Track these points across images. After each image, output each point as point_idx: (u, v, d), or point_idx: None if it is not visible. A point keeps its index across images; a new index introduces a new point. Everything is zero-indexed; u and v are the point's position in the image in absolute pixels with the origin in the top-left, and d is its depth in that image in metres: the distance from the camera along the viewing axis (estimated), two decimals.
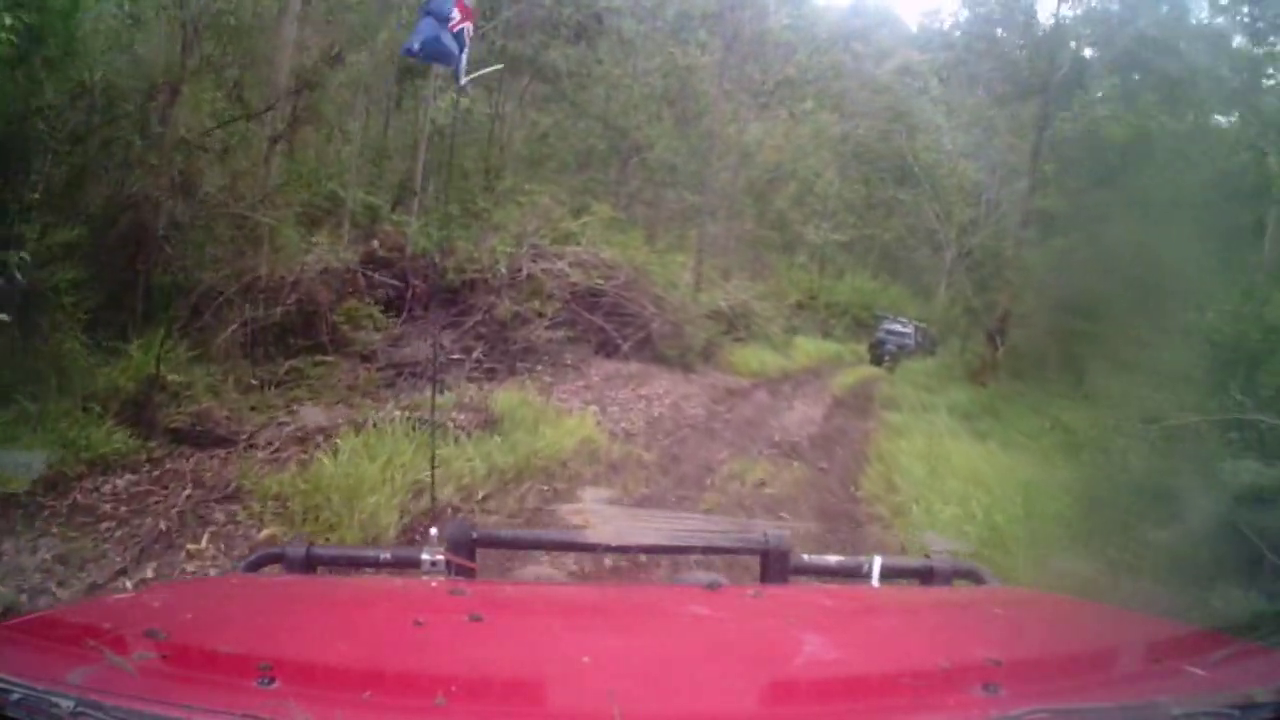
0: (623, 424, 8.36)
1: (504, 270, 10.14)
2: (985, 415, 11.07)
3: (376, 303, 9.15)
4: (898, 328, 22.74)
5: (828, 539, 5.61)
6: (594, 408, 8.51)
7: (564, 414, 7.72)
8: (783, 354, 16.59)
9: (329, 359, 7.92)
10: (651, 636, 1.22)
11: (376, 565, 1.51)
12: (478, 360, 8.98)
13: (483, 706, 0.90)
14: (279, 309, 7.85)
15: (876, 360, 21.35)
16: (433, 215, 11.49)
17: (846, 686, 1.01)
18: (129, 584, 3.85)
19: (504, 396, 7.45)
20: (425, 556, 1.41)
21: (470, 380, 8.29)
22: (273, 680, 0.84)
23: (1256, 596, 3.63)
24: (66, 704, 0.75)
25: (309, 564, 1.40)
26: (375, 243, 10.02)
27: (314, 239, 9.25)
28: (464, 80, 3.51)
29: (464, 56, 3.53)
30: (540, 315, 9.98)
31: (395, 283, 9.49)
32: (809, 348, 19.29)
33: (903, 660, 1.08)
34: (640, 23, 18.74)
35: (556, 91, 17.95)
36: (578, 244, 11.45)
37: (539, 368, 9.58)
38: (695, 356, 12.56)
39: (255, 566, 1.46)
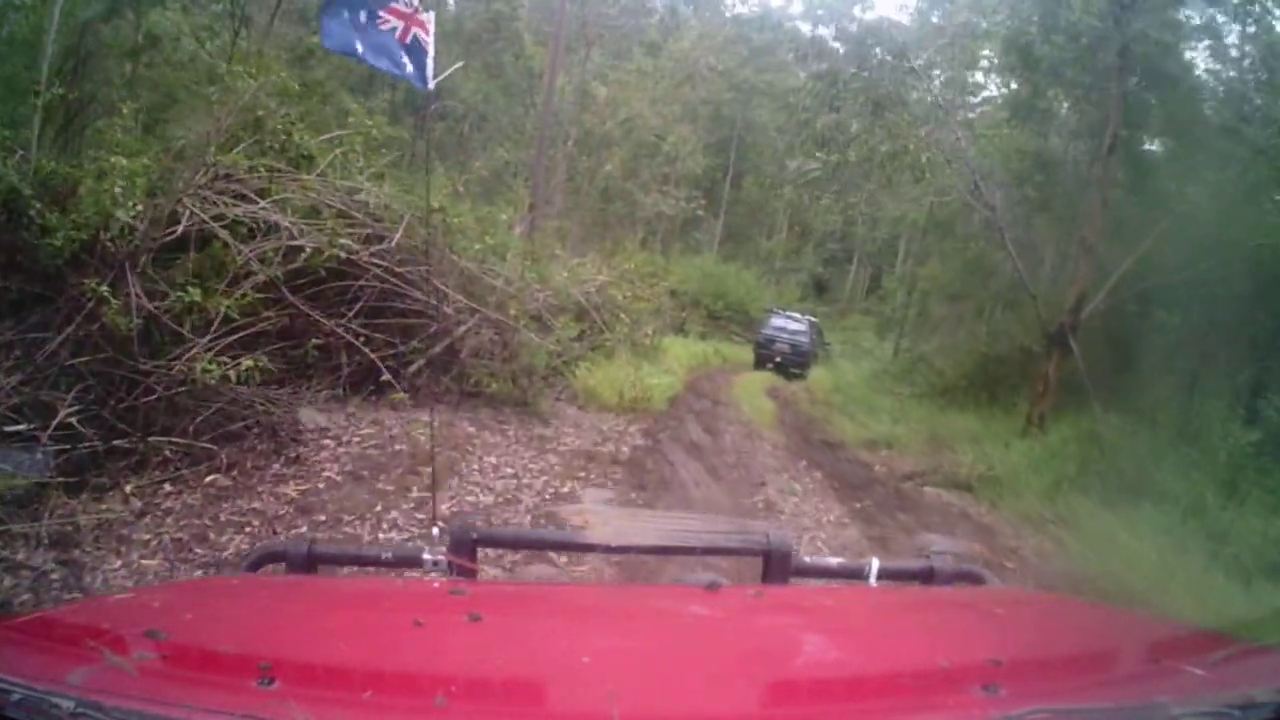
0: None
1: (130, 222, 5.04)
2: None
3: None
4: (789, 324, 19.04)
5: None
6: None
7: None
8: (656, 363, 11.99)
9: None
10: (651, 636, 1.22)
11: (378, 564, 1.51)
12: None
13: (483, 706, 0.90)
14: None
15: (761, 363, 18.16)
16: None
17: (847, 686, 1.01)
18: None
19: None
20: (426, 556, 1.42)
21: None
22: (273, 680, 0.84)
23: None
24: (66, 704, 0.75)
25: (310, 563, 1.40)
26: None
27: None
28: (431, 84, 3.28)
29: (429, 60, 3.14)
30: (205, 324, 5.13)
31: None
32: (678, 351, 15.07)
33: (903, 660, 1.08)
34: None
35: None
36: (308, 176, 6.46)
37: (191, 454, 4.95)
38: (537, 389, 8.01)
39: (256, 565, 1.45)
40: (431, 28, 3.15)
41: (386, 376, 6.44)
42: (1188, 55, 11.46)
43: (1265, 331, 8.19)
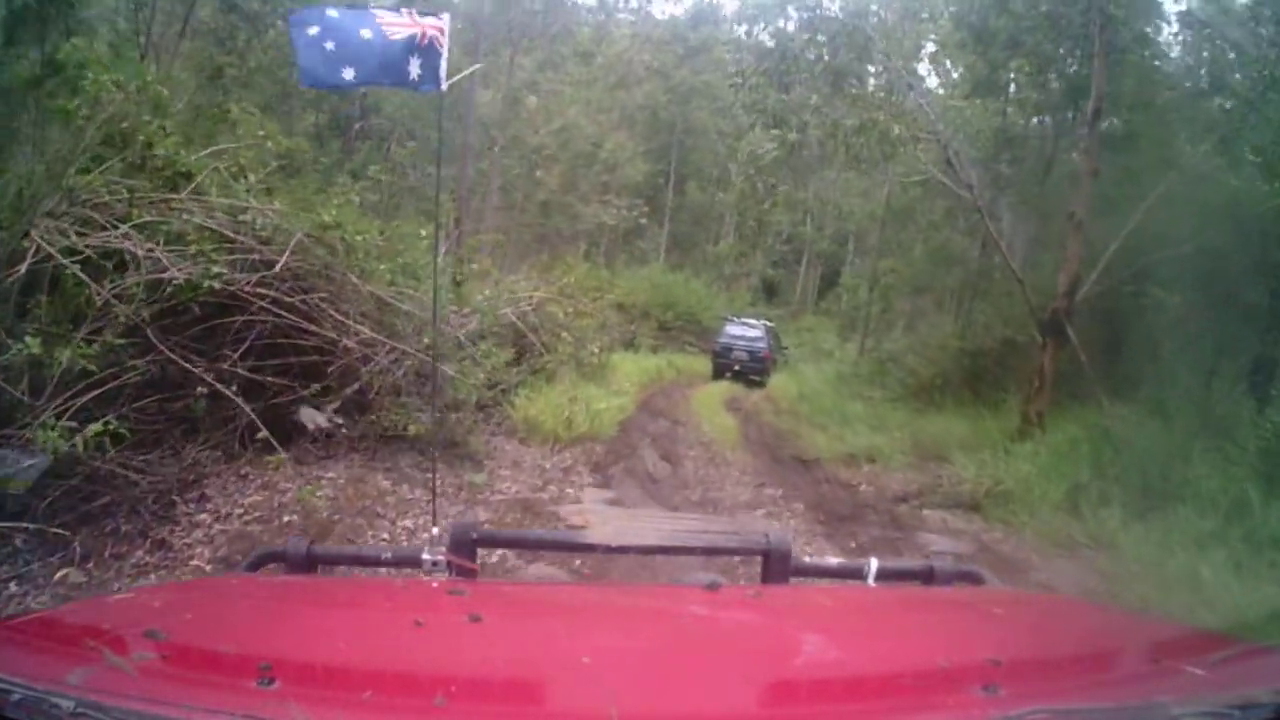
0: None
1: None
2: None
3: None
4: (745, 331, 18.48)
5: None
6: None
7: None
8: (605, 383, 10.68)
9: None
10: (651, 636, 1.22)
11: (377, 564, 1.51)
12: None
13: (483, 706, 0.90)
14: None
15: (720, 373, 17.58)
16: None
17: (846, 686, 1.01)
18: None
19: None
20: (426, 556, 1.42)
21: None
22: (273, 680, 0.84)
23: None
24: (66, 704, 0.75)
25: (309, 563, 1.40)
26: None
27: None
28: (444, 84, 3.23)
29: (442, 62, 3.02)
30: (60, 380, 4.29)
31: None
32: (629, 367, 13.79)
33: (903, 660, 1.08)
34: None
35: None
36: (178, 196, 5.54)
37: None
38: (469, 425, 6.99)
39: (255, 566, 1.46)
40: (447, 28, 3.06)
41: (306, 419, 5.74)
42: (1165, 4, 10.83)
43: None
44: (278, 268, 5.57)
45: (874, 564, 1.48)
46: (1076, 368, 8.85)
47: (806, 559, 1.56)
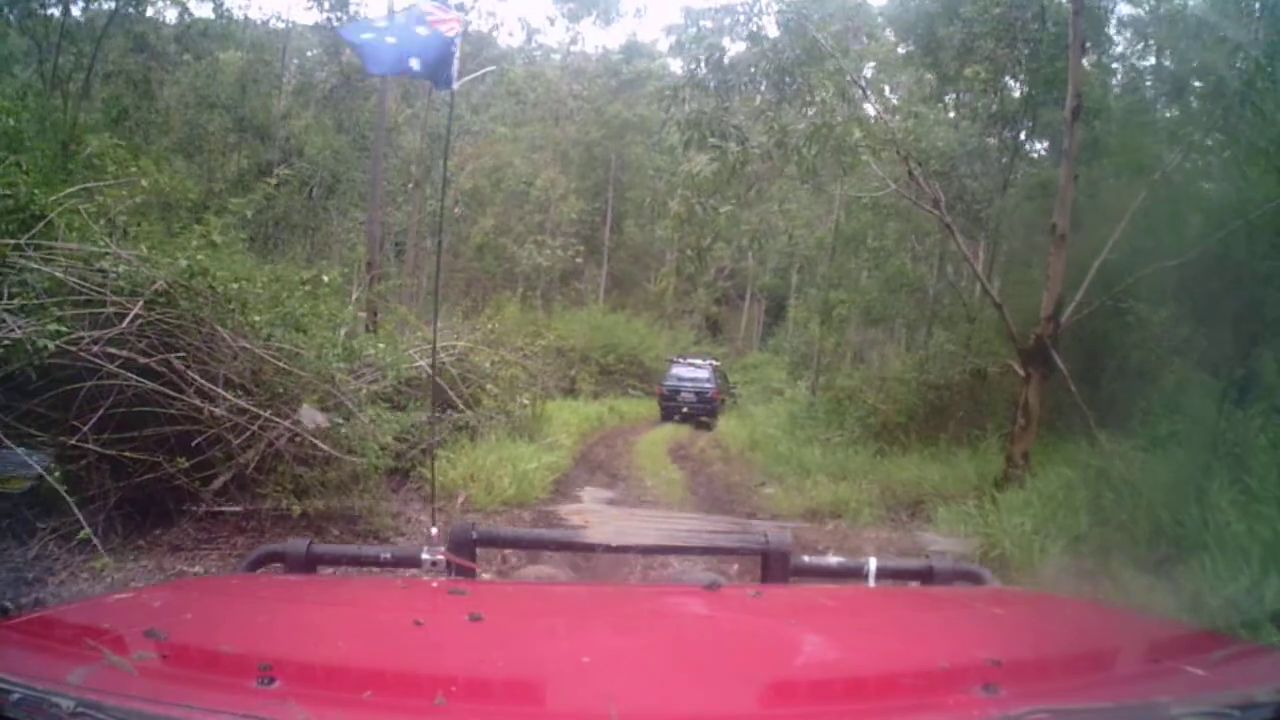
0: None
1: None
2: None
3: None
4: (692, 372, 18.25)
5: None
6: None
7: None
8: (540, 435, 9.66)
9: None
10: (651, 636, 1.22)
11: (377, 564, 1.51)
12: None
13: (483, 706, 0.90)
14: None
15: (668, 415, 17.29)
16: None
17: (846, 686, 1.01)
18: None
19: None
20: (425, 556, 1.42)
21: None
22: (273, 680, 0.84)
23: None
24: (66, 704, 0.75)
25: (309, 563, 1.40)
26: None
27: None
28: (456, 84, 3.26)
29: (454, 63, 3.10)
30: None
31: None
32: (567, 416, 12.85)
33: (903, 660, 1.08)
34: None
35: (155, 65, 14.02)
36: (10, 241, 4.81)
37: None
38: (373, 497, 6.09)
39: (255, 566, 1.45)
40: (460, 29, 3.10)
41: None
42: None
43: None
44: (125, 323, 4.73)
45: (873, 564, 1.48)
46: (1064, 399, 7.75)
47: (806, 559, 1.56)
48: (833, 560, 1.62)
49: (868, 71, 12.72)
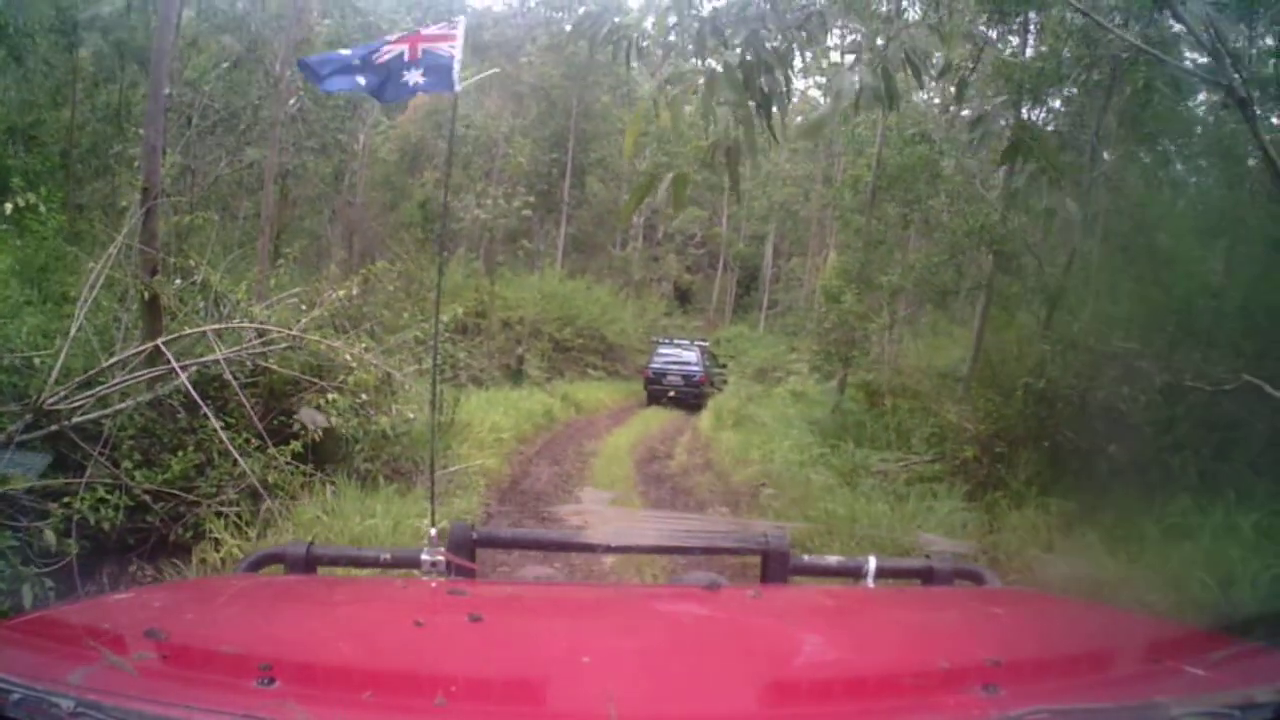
0: None
1: None
2: None
3: None
4: (679, 354, 17.49)
5: None
6: None
7: None
8: (449, 455, 6.81)
9: None
10: (651, 636, 1.22)
11: (377, 565, 1.51)
12: None
13: (483, 706, 0.90)
14: None
15: (655, 399, 16.64)
16: None
17: (846, 686, 1.01)
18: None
19: None
20: (425, 557, 1.42)
21: None
22: (273, 680, 0.84)
23: None
24: (66, 704, 0.75)
25: (309, 564, 1.40)
26: None
27: None
28: (458, 87, 3.41)
29: (455, 68, 3.36)
30: None
31: None
32: (497, 417, 9.39)
33: (903, 660, 1.08)
34: None
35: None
36: None
37: None
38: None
39: (255, 566, 1.45)
40: (459, 38, 3.25)
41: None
42: None
43: None
44: None
45: (873, 563, 1.48)
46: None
47: (805, 558, 1.55)
48: (832, 560, 1.61)
49: None
